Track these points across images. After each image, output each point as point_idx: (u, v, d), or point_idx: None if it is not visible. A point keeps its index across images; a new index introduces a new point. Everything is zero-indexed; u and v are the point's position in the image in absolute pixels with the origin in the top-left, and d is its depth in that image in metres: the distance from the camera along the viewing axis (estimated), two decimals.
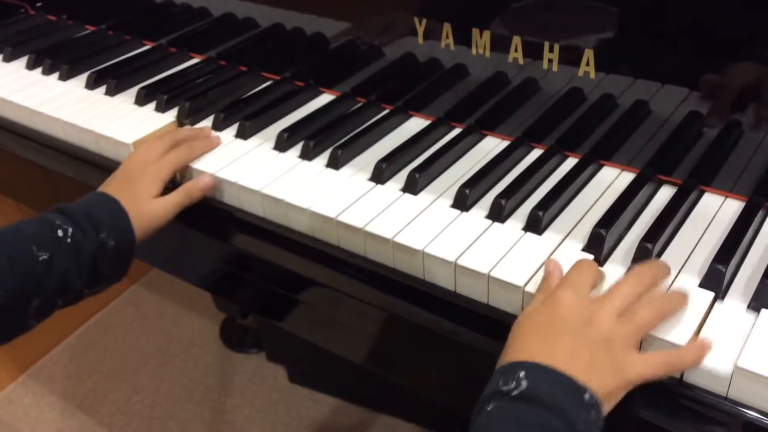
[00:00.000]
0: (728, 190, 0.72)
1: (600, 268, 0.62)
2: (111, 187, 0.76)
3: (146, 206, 0.74)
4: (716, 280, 0.60)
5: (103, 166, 0.89)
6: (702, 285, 0.61)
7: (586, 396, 0.51)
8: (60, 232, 0.67)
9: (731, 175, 0.72)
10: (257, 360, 1.61)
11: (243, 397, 1.53)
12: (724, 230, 0.67)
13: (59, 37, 1.18)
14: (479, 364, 0.64)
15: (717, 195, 0.72)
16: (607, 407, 0.53)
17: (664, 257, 0.64)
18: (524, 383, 0.51)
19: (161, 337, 1.69)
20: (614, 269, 0.63)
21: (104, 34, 1.18)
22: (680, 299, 0.57)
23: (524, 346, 0.55)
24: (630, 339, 0.54)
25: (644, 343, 0.57)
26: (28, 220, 0.68)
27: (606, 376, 0.53)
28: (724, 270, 0.60)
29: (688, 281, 0.61)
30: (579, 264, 0.60)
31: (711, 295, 0.60)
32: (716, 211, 0.70)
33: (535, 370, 0.52)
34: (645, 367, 0.54)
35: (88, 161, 0.92)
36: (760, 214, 0.68)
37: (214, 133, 0.88)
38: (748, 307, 0.59)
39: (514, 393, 0.51)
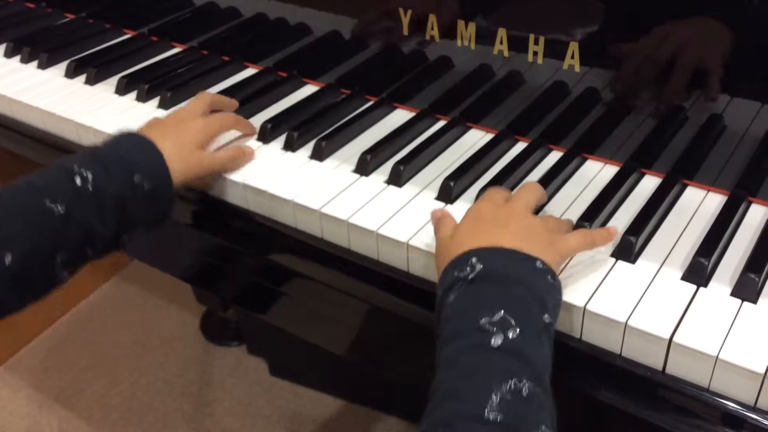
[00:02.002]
0: (710, 183, 0.72)
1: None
2: (153, 131, 0.72)
3: (193, 154, 0.73)
4: (699, 273, 0.61)
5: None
6: (684, 278, 0.61)
7: (537, 263, 0.54)
8: (78, 180, 0.63)
9: (713, 169, 0.72)
10: (238, 353, 1.60)
11: (223, 390, 1.52)
12: (706, 224, 0.67)
13: (38, 25, 1.16)
14: None
15: (699, 189, 0.73)
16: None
17: (648, 250, 0.65)
18: (478, 265, 0.53)
19: (141, 330, 1.67)
20: (598, 262, 0.64)
21: (84, 22, 1.16)
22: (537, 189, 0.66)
23: (464, 244, 0.57)
24: (549, 228, 0.60)
25: (627, 336, 0.57)
26: (45, 169, 0.65)
27: (545, 250, 0.56)
28: (706, 263, 0.61)
29: (671, 274, 0.62)
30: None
31: (693, 287, 0.60)
32: (699, 205, 0.71)
33: (485, 251, 0.55)
34: (569, 240, 0.60)
35: (67, 151, 0.90)
36: (742, 207, 0.69)
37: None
38: (730, 300, 0.59)
39: (471, 276, 0.53)
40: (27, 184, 0.64)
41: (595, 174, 0.76)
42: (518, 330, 0.50)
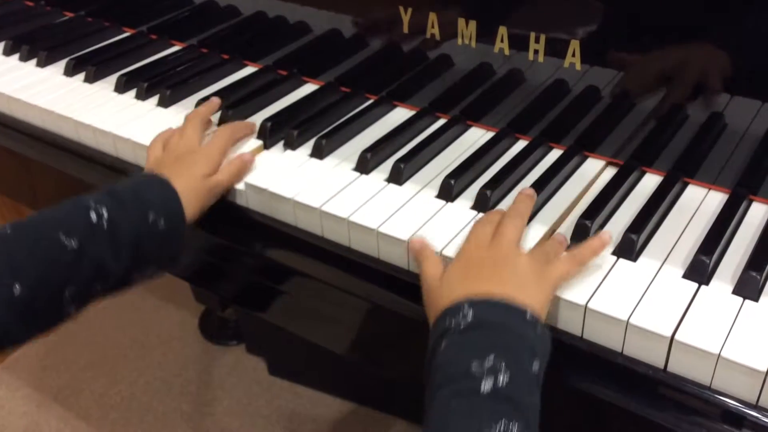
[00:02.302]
0: (711, 182, 0.72)
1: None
2: (163, 168, 0.73)
3: (204, 184, 0.73)
4: (700, 272, 0.61)
5: (82, 154, 0.88)
6: (686, 276, 0.61)
7: (528, 315, 0.55)
8: (93, 216, 0.64)
9: (714, 167, 0.72)
10: (237, 352, 1.59)
11: (222, 389, 1.51)
12: (707, 222, 0.67)
13: (37, 23, 1.16)
14: None
15: (700, 187, 0.73)
16: (544, 315, 0.57)
17: (649, 248, 0.65)
18: (470, 314, 0.54)
19: (139, 330, 1.67)
20: (599, 260, 0.63)
21: (83, 21, 1.16)
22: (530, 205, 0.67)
23: (455, 291, 0.57)
24: (538, 259, 0.60)
25: (628, 334, 0.57)
26: (61, 204, 0.65)
27: (534, 289, 0.57)
28: (708, 261, 0.61)
29: (673, 272, 0.62)
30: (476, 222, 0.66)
31: (695, 285, 0.60)
32: (700, 203, 0.70)
33: (478, 302, 0.55)
34: (560, 268, 0.59)
35: (66, 149, 0.90)
36: (743, 205, 0.69)
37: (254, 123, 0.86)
38: (731, 298, 0.59)
39: (462, 326, 0.54)
40: (42, 217, 0.64)
41: (596, 172, 0.76)
42: (508, 375, 0.50)
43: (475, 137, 0.83)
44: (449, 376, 0.52)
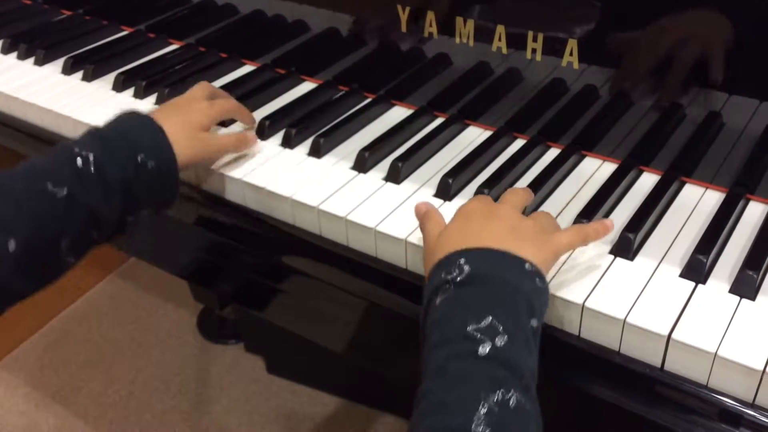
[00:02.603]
0: (709, 181, 0.72)
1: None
2: (159, 111, 0.72)
3: (200, 137, 0.73)
4: (697, 270, 0.61)
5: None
6: (683, 275, 0.61)
7: (526, 266, 0.54)
8: (79, 161, 0.62)
9: (712, 166, 0.72)
10: (235, 351, 1.59)
11: (221, 388, 1.51)
12: (704, 221, 0.67)
13: (35, 22, 1.16)
14: None
15: (698, 186, 0.73)
16: (544, 275, 0.56)
17: (646, 247, 0.65)
18: (466, 267, 0.53)
19: (138, 328, 1.67)
20: (596, 259, 0.64)
21: (81, 19, 1.16)
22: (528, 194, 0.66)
23: (453, 243, 0.56)
24: (541, 226, 0.59)
25: (626, 333, 0.57)
26: (46, 152, 0.64)
27: (535, 248, 0.56)
28: (705, 260, 0.61)
29: (670, 271, 0.62)
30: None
31: (692, 284, 0.60)
32: (697, 202, 0.71)
33: (473, 252, 0.54)
34: (562, 237, 0.59)
35: None
36: (740, 204, 0.69)
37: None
38: (728, 296, 0.59)
39: (459, 278, 0.52)
40: (27, 169, 0.62)
41: (593, 171, 0.76)
42: (506, 337, 0.49)
43: (473, 136, 0.83)
44: (446, 336, 0.50)
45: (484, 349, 0.48)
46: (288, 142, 0.81)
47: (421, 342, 0.53)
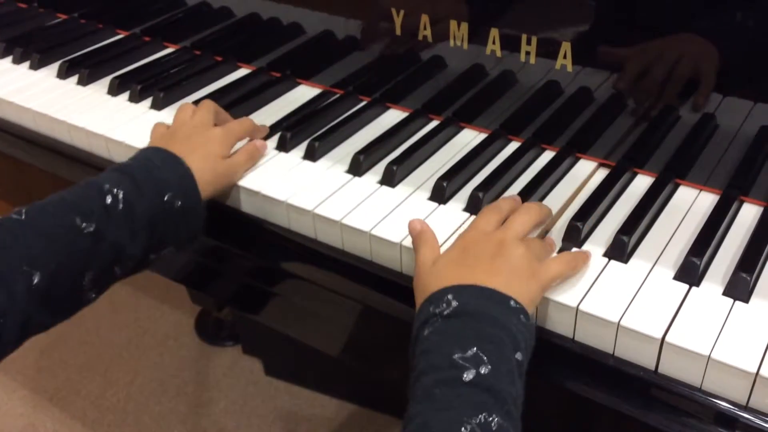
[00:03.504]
0: (703, 183, 0.73)
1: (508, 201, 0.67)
2: (174, 146, 0.71)
3: (220, 164, 0.72)
4: (691, 273, 0.61)
5: (76, 157, 0.88)
6: (677, 277, 0.61)
7: (512, 303, 0.55)
8: (109, 199, 0.62)
9: (706, 168, 0.72)
10: (233, 353, 1.59)
11: (218, 390, 1.51)
12: (698, 223, 0.67)
13: (30, 26, 1.16)
14: None
15: (692, 188, 0.73)
16: (531, 311, 0.57)
17: (640, 250, 0.65)
18: (454, 303, 0.54)
19: (135, 330, 1.67)
20: (590, 261, 0.64)
21: (76, 23, 1.16)
22: (546, 211, 0.67)
23: (444, 278, 0.57)
24: (534, 255, 0.60)
25: (620, 336, 0.57)
26: (75, 187, 0.64)
27: (523, 284, 0.57)
28: (698, 262, 0.61)
29: (664, 274, 0.62)
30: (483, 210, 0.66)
31: (686, 287, 0.60)
32: (691, 204, 0.71)
33: (461, 289, 0.56)
34: (551, 268, 0.59)
35: (60, 152, 0.90)
36: (734, 206, 0.69)
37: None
38: (722, 299, 0.59)
39: (446, 312, 0.54)
40: (56, 203, 0.62)
41: (587, 174, 0.76)
42: (489, 366, 0.51)
43: (468, 139, 0.83)
44: (433, 364, 0.52)
45: (469, 375, 0.50)
46: (283, 146, 0.81)
47: (410, 372, 0.55)
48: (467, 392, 0.50)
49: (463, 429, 0.47)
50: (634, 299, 0.59)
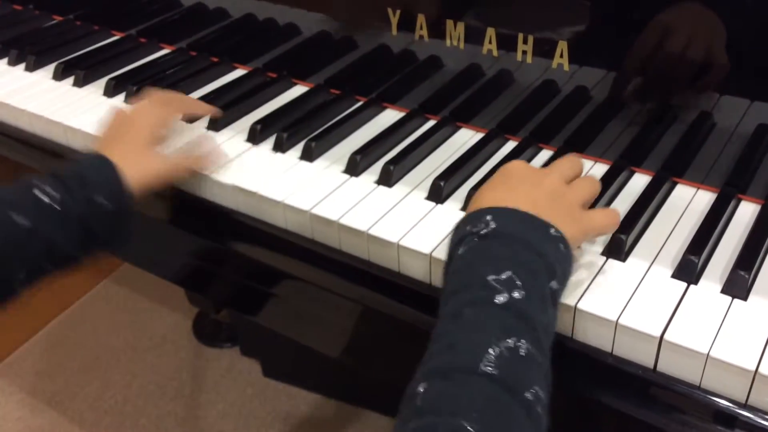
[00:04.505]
0: (700, 181, 0.72)
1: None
2: (105, 146, 0.72)
3: (145, 154, 0.72)
4: (689, 271, 0.61)
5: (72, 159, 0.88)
6: (675, 276, 0.61)
7: (552, 230, 0.54)
8: (45, 197, 0.64)
9: (703, 166, 0.72)
10: (231, 355, 1.59)
11: (216, 392, 1.51)
12: (696, 221, 0.67)
13: (26, 27, 1.16)
14: None
15: (689, 186, 0.73)
16: (572, 247, 0.56)
17: (638, 248, 0.65)
18: (492, 224, 0.54)
19: (133, 333, 1.67)
20: (588, 260, 0.64)
21: (72, 24, 1.15)
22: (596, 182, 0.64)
23: (486, 200, 0.57)
24: (576, 199, 0.60)
25: (618, 334, 0.57)
26: (11, 185, 0.65)
27: (565, 221, 0.56)
28: (696, 261, 0.61)
29: (662, 272, 0.62)
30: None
31: (684, 285, 0.60)
32: (688, 203, 0.71)
33: (501, 211, 0.55)
34: (598, 218, 0.60)
35: (55, 154, 0.90)
36: (732, 205, 0.69)
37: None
38: (720, 297, 0.59)
39: (483, 232, 0.53)
40: None
41: (585, 173, 0.76)
42: (523, 292, 0.50)
43: (465, 138, 0.83)
44: (464, 283, 0.52)
45: (501, 298, 0.49)
46: (279, 146, 0.81)
47: (442, 291, 0.54)
48: (498, 315, 0.49)
49: (491, 350, 0.46)
50: (633, 297, 0.59)
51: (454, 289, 0.52)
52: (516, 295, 0.50)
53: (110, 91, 0.95)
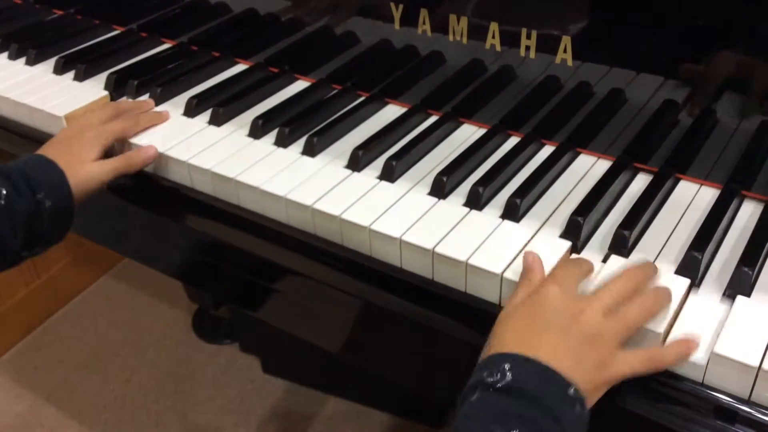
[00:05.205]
0: (703, 178, 0.72)
1: (588, 261, 0.61)
2: (49, 149, 0.75)
3: (84, 168, 0.75)
4: (692, 267, 0.61)
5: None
6: (678, 272, 0.61)
7: (571, 390, 0.50)
8: None
9: (706, 163, 0.72)
10: (230, 351, 1.59)
11: (216, 388, 1.51)
12: (699, 218, 0.67)
13: (26, 21, 1.15)
14: (456, 352, 0.64)
15: (692, 183, 0.73)
16: (590, 402, 0.52)
17: (641, 244, 0.65)
18: (509, 375, 0.50)
19: (132, 329, 1.67)
20: (591, 256, 0.63)
21: (73, 19, 1.15)
22: (667, 296, 0.57)
23: (509, 340, 0.54)
24: (616, 336, 0.54)
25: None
26: None
27: (590, 372, 0.52)
28: (700, 257, 0.61)
29: (665, 268, 0.61)
30: (567, 260, 0.60)
31: (687, 281, 0.60)
32: (692, 199, 0.70)
33: (520, 362, 0.51)
34: (629, 364, 0.54)
35: None
36: (735, 201, 0.69)
37: (168, 111, 0.87)
38: (724, 294, 0.59)
39: (499, 385, 0.50)
40: None
41: (588, 168, 0.76)
42: None
43: (467, 134, 0.82)
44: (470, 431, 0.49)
45: None
46: (281, 141, 0.81)
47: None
48: None
49: None
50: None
51: None
52: None
53: (111, 86, 0.95)
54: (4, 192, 0.66)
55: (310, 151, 0.79)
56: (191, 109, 0.88)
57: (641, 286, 0.57)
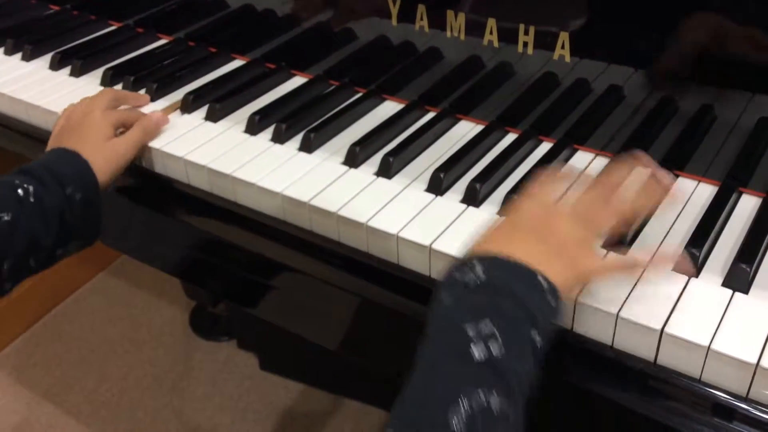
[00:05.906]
0: (702, 174, 0.72)
1: (564, 171, 0.63)
2: (64, 140, 0.74)
3: (108, 147, 0.74)
4: (690, 264, 0.60)
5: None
6: (676, 269, 0.61)
7: (538, 278, 0.52)
8: (21, 191, 0.65)
9: (704, 159, 0.72)
10: (228, 348, 1.59)
11: (213, 385, 1.51)
12: (697, 214, 0.67)
13: (22, 17, 1.15)
14: None
15: (691, 179, 0.72)
16: (564, 290, 0.54)
17: (639, 241, 0.64)
18: (477, 271, 0.52)
19: (129, 326, 1.66)
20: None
21: (69, 14, 1.15)
22: (648, 198, 0.59)
23: (482, 245, 0.56)
24: (586, 240, 0.56)
25: (618, 327, 0.57)
26: None
27: (558, 266, 0.54)
28: (698, 254, 0.60)
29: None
30: (538, 176, 0.62)
31: (685, 278, 0.60)
32: (690, 195, 0.70)
33: (489, 261, 0.53)
34: (598, 263, 0.57)
35: None
36: (733, 197, 0.69)
37: (176, 119, 0.86)
38: (721, 290, 0.59)
39: (466, 283, 0.52)
40: None
41: (586, 165, 0.76)
42: (501, 344, 0.49)
43: (465, 130, 0.82)
44: (442, 332, 0.51)
45: (477, 351, 0.48)
46: (278, 138, 0.81)
47: (423, 332, 0.53)
48: (472, 368, 0.48)
49: (462, 408, 0.45)
50: (633, 290, 0.59)
51: (432, 335, 0.51)
52: (493, 347, 0.48)
53: (107, 81, 0.94)
54: (32, 189, 0.65)
55: (307, 147, 0.79)
56: (188, 106, 0.87)
57: (617, 189, 0.59)
